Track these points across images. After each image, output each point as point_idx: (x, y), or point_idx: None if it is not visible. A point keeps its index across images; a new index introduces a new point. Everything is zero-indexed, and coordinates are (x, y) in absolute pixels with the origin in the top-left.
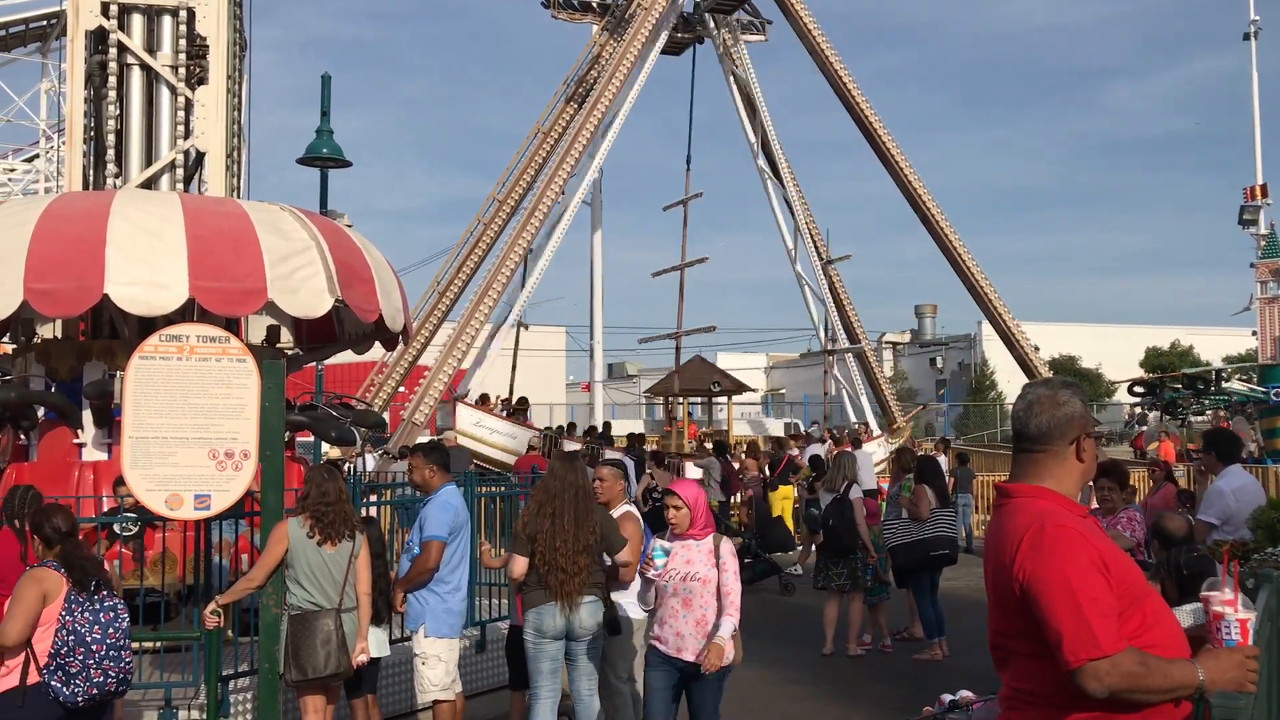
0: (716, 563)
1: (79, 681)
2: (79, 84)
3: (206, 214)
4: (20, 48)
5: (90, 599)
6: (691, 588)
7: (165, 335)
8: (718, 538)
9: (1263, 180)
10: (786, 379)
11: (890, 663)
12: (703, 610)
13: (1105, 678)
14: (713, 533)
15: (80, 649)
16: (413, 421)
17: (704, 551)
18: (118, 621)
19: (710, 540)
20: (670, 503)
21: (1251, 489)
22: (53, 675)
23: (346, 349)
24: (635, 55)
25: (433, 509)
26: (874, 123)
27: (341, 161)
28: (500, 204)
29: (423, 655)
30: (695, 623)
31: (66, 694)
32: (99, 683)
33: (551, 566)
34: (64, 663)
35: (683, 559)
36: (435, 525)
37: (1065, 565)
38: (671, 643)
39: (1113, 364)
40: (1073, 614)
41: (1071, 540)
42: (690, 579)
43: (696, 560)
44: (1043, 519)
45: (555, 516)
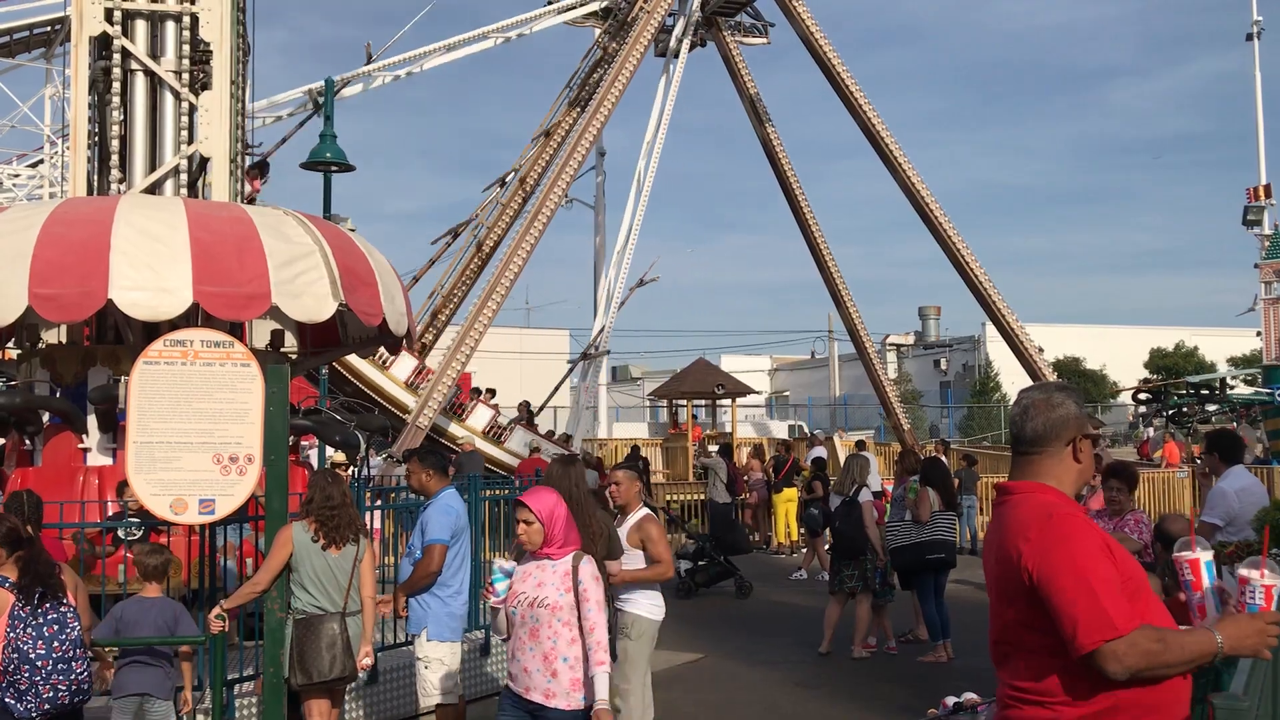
0: (575, 589)
1: (30, 698)
2: (83, 89)
3: (210, 219)
4: (25, 53)
5: (34, 613)
6: (539, 615)
7: (169, 340)
8: (578, 557)
9: (1266, 180)
10: (790, 381)
11: (895, 665)
12: (551, 643)
13: (1125, 657)
14: (574, 551)
15: (25, 666)
16: (417, 425)
17: (558, 574)
18: (65, 633)
19: (568, 560)
20: (520, 516)
21: (1255, 490)
22: (5, 692)
23: (350, 353)
24: (638, 59)
25: (434, 513)
26: (876, 124)
27: (345, 165)
28: (504, 207)
29: (425, 659)
30: (542, 657)
31: (20, 710)
32: (50, 698)
33: None
34: (13, 680)
35: (534, 582)
36: (437, 529)
37: (1075, 550)
38: (520, 680)
39: (1117, 365)
40: (1086, 597)
41: (1079, 526)
42: (538, 605)
43: (548, 584)
44: (1048, 508)
45: None
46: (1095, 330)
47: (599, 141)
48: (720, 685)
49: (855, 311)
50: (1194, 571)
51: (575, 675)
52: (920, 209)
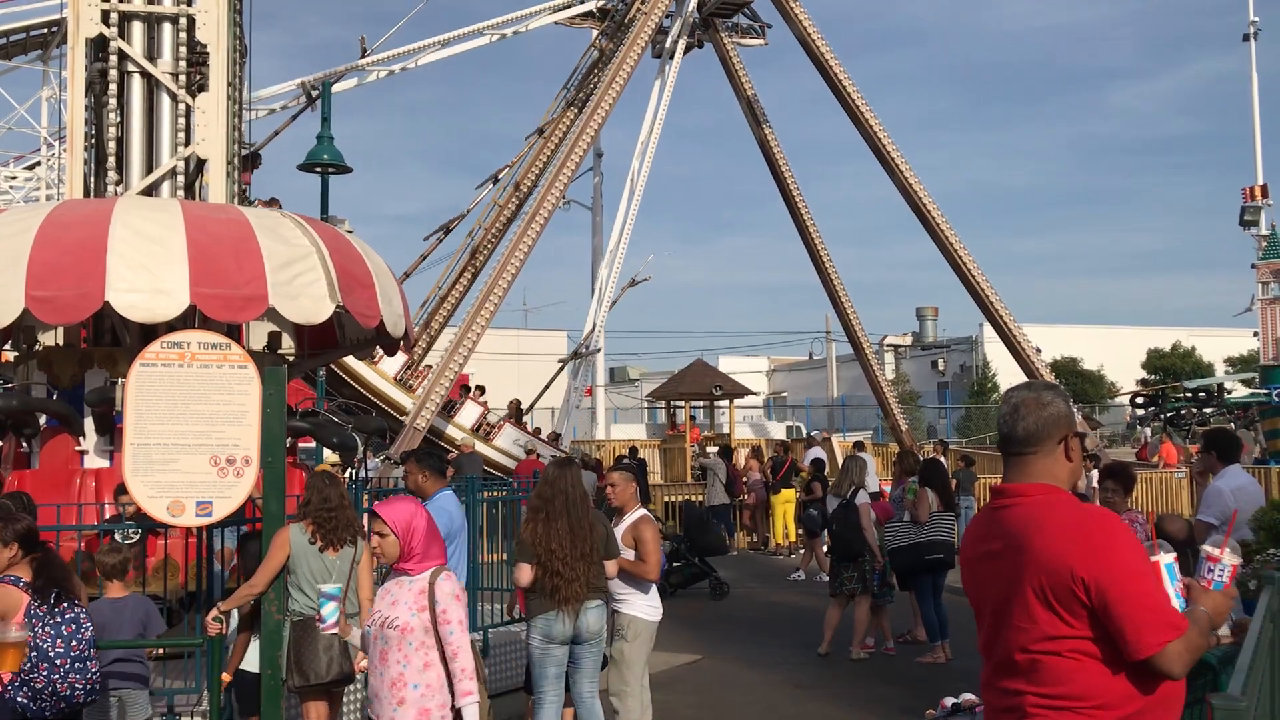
0: (431, 608)
1: (45, 696)
2: (80, 91)
3: (207, 220)
4: (21, 55)
5: (51, 612)
6: (388, 637)
7: (166, 342)
8: (436, 573)
9: (1263, 181)
10: (788, 382)
11: (893, 666)
12: (399, 669)
13: (1184, 656)
14: (434, 567)
15: (44, 664)
16: (415, 427)
17: (413, 592)
18: (81, 632)
19: (425, 577)
20: (374, 527)
21: (1251, 489)
22: (18, 691)
23: (348, 354)
24: (635, 60)
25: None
26: (874, 126)
27: (342, 167)
28: (501, 209)
29: None
30: (390, 683)
31: (34, 709)
32: (66, 696)
33: (549, 571)
34: (28, 679)
35: (389, 600)
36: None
37: (1128, 554)
38: (372, 706)
39: (1114, 365)
40: (1148, 598)
41: (1121, 526)
42: (387, 626)
43: (401, 602)
44: (1086, 512)
45: (549, 521)
46: (1093, 330)
47: (596, 143)
48: (718, 687)
49: (853, 312)
50: (1230, 575)
51: (426, 705)
52: (918, 210)
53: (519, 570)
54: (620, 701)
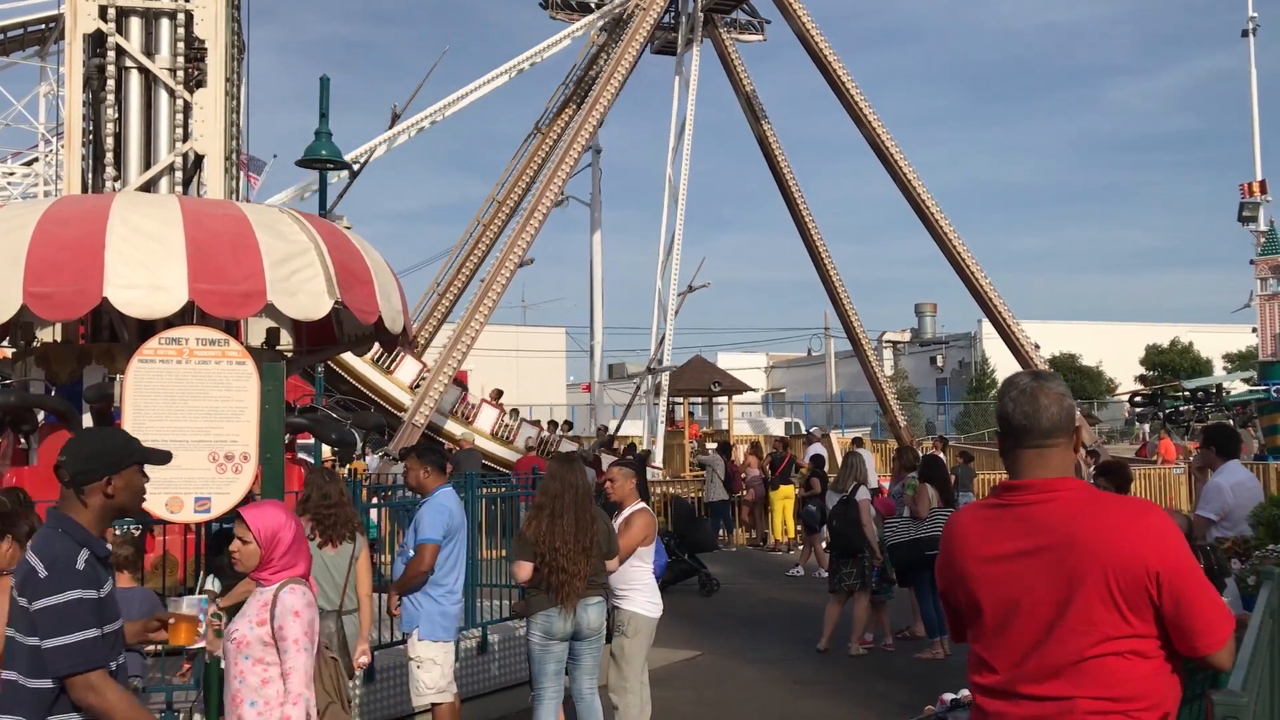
0: (270, 622)
1: None
2: (77, 87)
3: (205, 217)
4: (19, 51)
5: None
6: (228, 649)
7: (164, 338)
8: (283, 585)
9: (1262, 177)
10: (787, 379)
11: (892, 662)
12: (237, 683)
13: (1231, 649)
14: (285, 578)
15: None
16: (413, 423)
17: (258, 604)
18: None
19: (272, 589)
20: (236, 532)
21: (1250, 485)
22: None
23: (346, 351)
24: (634, 57)
25: (427, 512)
26: (873, 122)
27: (340, 163)
28: (499, 205)
29: (417, 659)
30: (230, 699)
31: None
32: None
33: (553, 568)
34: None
35: (242, 610)
36: (429, 528)
37: (1187, 550)
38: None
39: (1113, 362)
40: (1213, 594)
41: (1171, 520)
42: (228, 638)
43: (246, 614)
44: (1139, 505)
45: (554, 517)
46: (1091, 327)
47: (595, 139)
48: (718, 683)
49: (852, 309)
50: None
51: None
52: (917, 207)
53: (518, 567)
54: (620, 698)
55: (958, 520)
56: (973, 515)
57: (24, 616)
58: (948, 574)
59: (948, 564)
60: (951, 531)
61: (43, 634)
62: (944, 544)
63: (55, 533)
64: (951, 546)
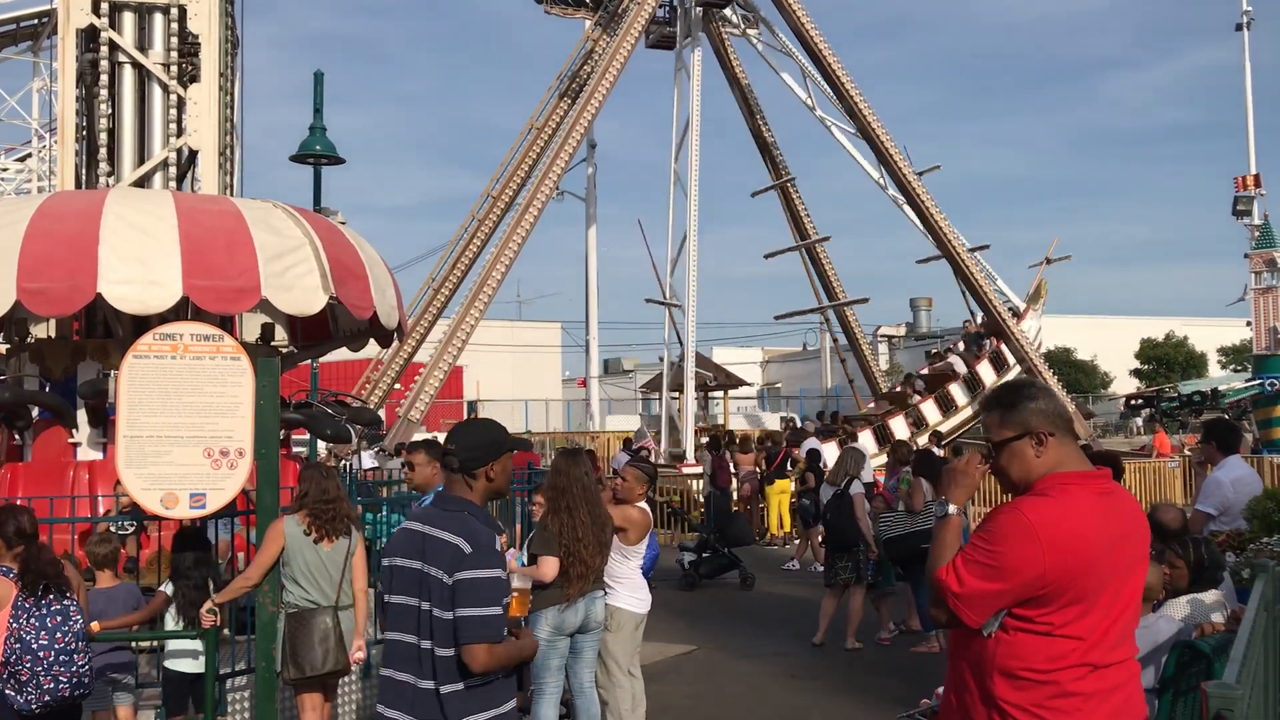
0: None
1: (30, 689)
2: (71, 82)
3: (199, 212)
4: (11, 46)
5: (38, 604)
6: None
7: (159, 334)
8: None
9: (1256, 170)
10: (782, 373)
11: (887, 656)
12: None
13: None
14: None
15: (27, 657)
16: (408, 419)
17: None
18: (68, 625)
19: None
20: None
21: (1250, 480)
22: (5, 684)
23: (341, 346)
24: (629, 51)
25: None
26: (868, 116)
27: (335, 158)
28: (495, 200)
29: None
30: None
31: (21, 702)
32: (50, 689)
33: (576, 558)
34: (14, 671)
35: None
36: None
37: None
38: None
39: (1108, 355)
40: None
41: None
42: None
43: None
44: None
45: (569, 511)
46: (1086, 321)
47: (590, 134)
48: (713, 676)
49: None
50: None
51: None
52: (912, 200)
53: (544, 564)
54: (609, 694)
55: (1083, 501)
56: (1091, 500)
57: (438, 588)
58: (1072, 552)
59: (1077, 541)
60: (1082, 511)
61: (459, 604)
62: (1069, 522)
63: (463, 515)
64: (1086, 524)
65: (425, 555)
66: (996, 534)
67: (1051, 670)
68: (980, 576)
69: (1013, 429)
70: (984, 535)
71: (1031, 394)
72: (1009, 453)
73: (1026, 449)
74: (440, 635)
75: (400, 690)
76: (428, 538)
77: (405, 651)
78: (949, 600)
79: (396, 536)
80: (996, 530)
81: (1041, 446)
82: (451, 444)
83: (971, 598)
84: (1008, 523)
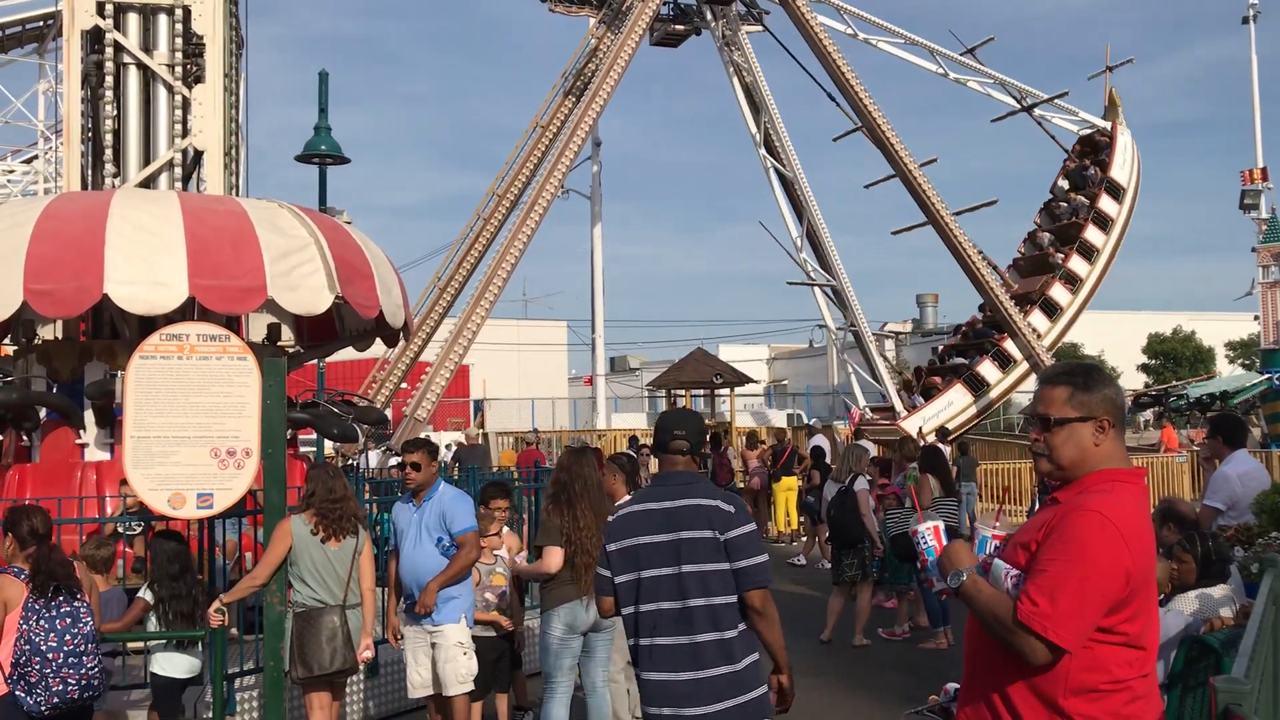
0: None
1: (39, 691)
2: (76, 84)
3: (205, 212)
4: (17, 49)
5: (48, 605)
6: None
7: (165, 334)
8: None
9: (1263, 164)
10: (789, 370)
11: (895, 652)
12: None
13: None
14: None
15: (36, 658)
16: (415, 418)
17: None
18: (77, 627)
19: None
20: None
21: (1257, 474)
22: (16, 685)
23: (347, 346)
24: (633, 49)
25: (458, 502)
26: (873, 112)
27: (340, 158)
28: (500, 198)
29: (463, 644)
30: None
31: (30, 703)
32: (59, 691)
33: (582, 552)
34: (24, 672)
35: None
36: (467, 516)
37: None
38: None
39: (1115, 351)
40: None
41: None
42: None
43: None
44: None
45: (570, 505)
46: (1093, 316)
47: (595, 132)
48: None
49: (854, 299)
50: (935, 537)
51: None
52: (918, 197)
53: (549, 555)
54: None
55: (1140, 498)
56: (1142, 498)
57: (704, 547)
58: (1144, 551)
59: (1147, 538)
60: (1142, 508)
61: (734, 558)
62: (1138, 518)
63: (704, 483)
64: (1147, 522)
65: (678, 525)
66: (1076, 540)
67: (1128, 679)
68: (1073, 593)
69: (1080, 410)
70: (1060, 546)
71: (1107, 380)
72: (1067, 433)
73: (1087, 434)
74: (719, 586)
75: (677, 653)
76: (677, 509)
77: (671, 617)
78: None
79: (626, 520)
80: (1071, 534)
81: (1102, 434)
82: (680, 430)
83: (1066, 616)
84: (1084, 525)
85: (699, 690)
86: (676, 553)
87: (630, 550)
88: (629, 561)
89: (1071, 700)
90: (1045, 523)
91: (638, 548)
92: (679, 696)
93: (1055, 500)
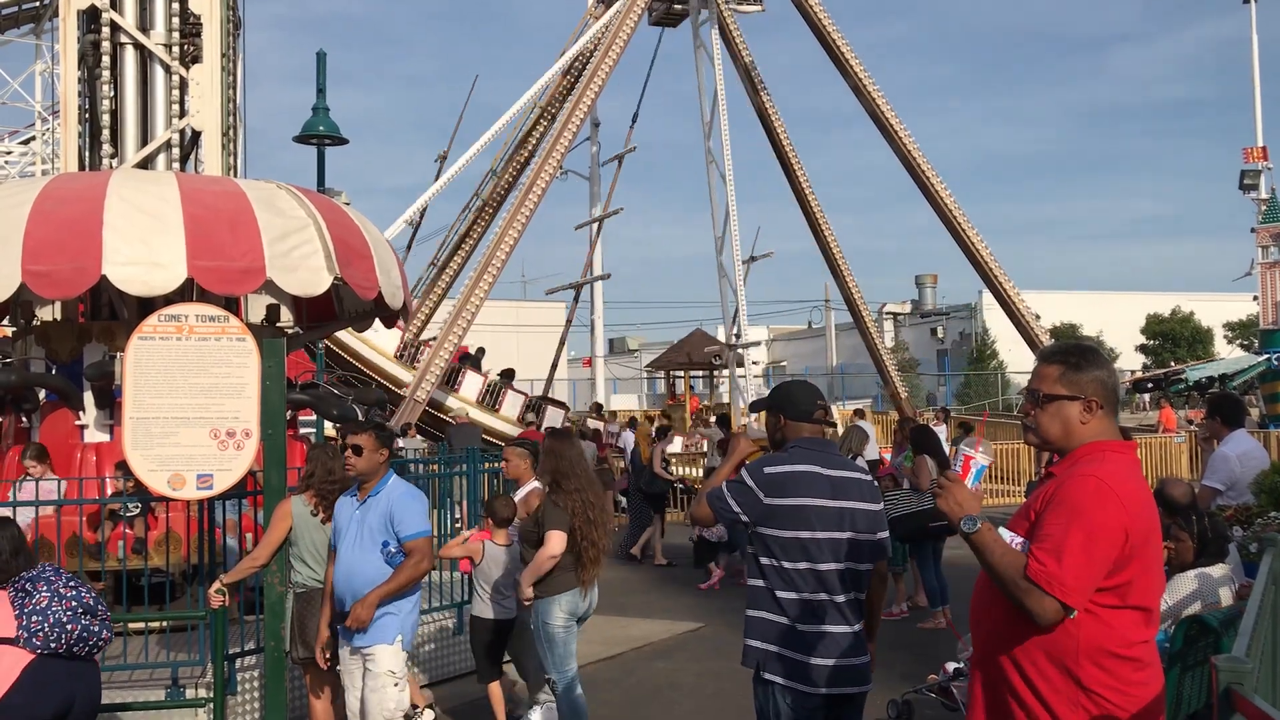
0: None
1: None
2: (73, 65)
3: (203, 193)
4: (14, 29)
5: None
6: None
7: (164, 315)
8: None
9: (1263, 144)
10: (788, 351)
11: (895, 631)
12: None
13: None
14: None
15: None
16: (414, 399)
17: None
18: (81, 594)
19: None
20: None
21: (1256, 454)
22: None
23: (346, 327)
24: (631, 28)
25: (408, 501)
26: (873, 93)
27: (338, 139)
28: (498, 179)
29: (395, 673)
30: None
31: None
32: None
33: (587, 540)
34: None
35: None
36: (419, 519)
37: None
38: None
39: (1113, 331)
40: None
41: None
42: None
43: None
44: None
45: (579, 491)
46: (1091, 296)
47: (593, 112)
48: (720, 654)
49: (852, 280)
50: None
51: None
52: (917, 177)
53: (552, 539)
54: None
55: (1132, 465)
56: (1134, 466)
57: (864, 517)
58: (1141, 513)
59: (1143, 500)
60: (1136, 474)
61: (876, 530)
62: (1133, 482)
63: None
64: (1142, 486)
65: (845, 493)
66: (1071, 502)
67: (1139, 643)
68: (1078, 549)
69: (1069, 389)
70: (1061, 511)
71: (1100, 362)
72: (1055, 409)
73: (1074, 412)
74: (871, 555)
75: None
76: (843, 480)
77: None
78: (1052, 587)
79: (795, 478)
80: (1070, 499)
81: (1089, 414)
82: (821, 401)
83: (1074, 575)
84: (1079, 489)
85: (858, 642)
86: (843, 518)
87: (801, 510)
88: (799, 520)
89: (1084, 664)
90: (1044, 494)
91: (808, 508)
92: (847, 649)
93: (1051, 474)
